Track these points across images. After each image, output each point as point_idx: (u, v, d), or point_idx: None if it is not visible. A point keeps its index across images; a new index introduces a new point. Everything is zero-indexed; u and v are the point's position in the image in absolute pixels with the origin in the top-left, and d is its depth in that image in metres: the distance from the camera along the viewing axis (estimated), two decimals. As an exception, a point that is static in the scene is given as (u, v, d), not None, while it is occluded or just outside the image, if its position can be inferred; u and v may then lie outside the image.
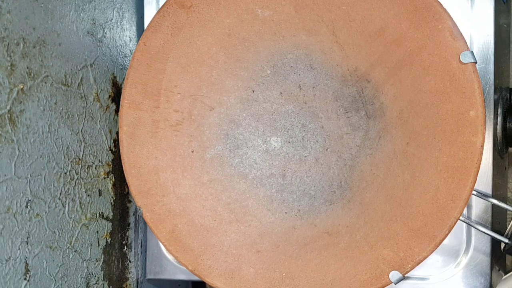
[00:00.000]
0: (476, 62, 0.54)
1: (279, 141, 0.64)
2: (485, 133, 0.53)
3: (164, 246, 0.61)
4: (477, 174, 0.54)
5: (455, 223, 0.54)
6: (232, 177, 0.64)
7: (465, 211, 0.64)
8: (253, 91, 0.64)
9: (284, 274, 0.59)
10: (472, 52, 0.54)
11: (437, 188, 0.55)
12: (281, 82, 0.64)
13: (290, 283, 0.59)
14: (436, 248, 0.55)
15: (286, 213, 0.63)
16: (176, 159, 0.63)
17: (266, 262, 0.60)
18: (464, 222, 0.61)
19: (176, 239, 0.61)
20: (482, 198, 0.60)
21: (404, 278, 0.55)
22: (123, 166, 0.61)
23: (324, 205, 0.62)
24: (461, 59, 0.54)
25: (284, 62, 0.63)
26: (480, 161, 0.54)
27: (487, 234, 0.59)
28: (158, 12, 0.61)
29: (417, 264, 0.55)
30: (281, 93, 0.64)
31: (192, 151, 0.64)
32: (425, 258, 0.55)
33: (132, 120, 0.62)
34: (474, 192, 0.59)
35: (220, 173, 0.64)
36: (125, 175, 0.62)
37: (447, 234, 0.54)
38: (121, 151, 0.61)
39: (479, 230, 0.60)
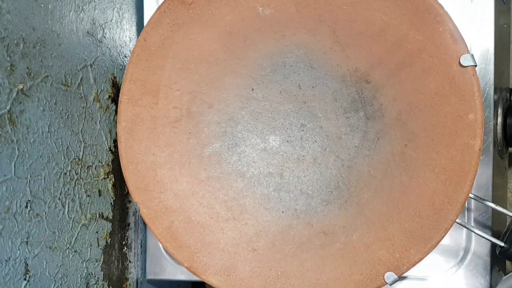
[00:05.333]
0: (476, 66, 0.54)
1: (278, 140, 0.64)
2: (483, 137, 0.54)
3: (160, 242, 0.62)
4: (475, 177, 0.54)
5: (451, 225, 0.54)
6: (229, 175, 0.64)
7: (465, 213, 0.64)
8: (253, 89, 0.64)
9: (279, 273, 0.60)
10: (472, 55, 0.54)
11: (434, 190, 0.56)
12: (281, 81, 0.64)
13: (286, 282, 0.59)
14: (432, 250, 0.55)
15: (283, 212, 0.63)
16: (174, 155, 0.63)
17: (262, 261, 0.61)
18: (460, 225, 0.61)
19: (172, 236, 0.61)
20: (479, 201, 0.60)
21: (399, 279, 0.56)
22: (121, 162, 0.62)
23: (321, 205, 0.63)
24: (461, 62, 0.54)
25: (284, 61, 0.63)
26: (478, 164, 0.54)
27: (483, 237, 0.60)
28: (158, 8, 0.61)
29: (413, 266, 0.55)
30: (280, 92, 0.64)
31: (190, 148, 0.64)
32: (420, 260, 0.55)
33: (131, 116, 0.62)
34: (471, 195, 0.60)
35: (217, 170, 0.64)
36: (123, 171, 0.62)
37: (443, 237, 0.55)
38: (119, 146, 0.61)
39: (475, 233, 0.60)
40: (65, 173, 0.56)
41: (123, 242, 0.69)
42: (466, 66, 0.54)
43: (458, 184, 0.54)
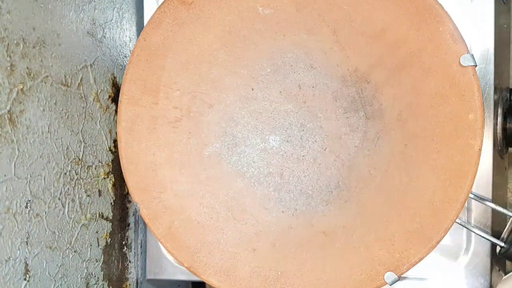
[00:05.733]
0: (476, 66, 0.54)
1: (278, 140, 0.64)
2: (483, 137, 0.54)
3: (161, 242, 0.62)
4: (475, 177, 0.54)
5: (451, 225, 0.54)
6: (229, 175, 0.64)
7: (464, 213, 0.64)
8: (253, 89, 0.64)
9: (279, 273, 0.60)
10: (472, 55, 0.54)
11: (434, 190, 0.56)
12: (281, 81, 0.64)
13: (286, 282, 0.59)
14: (432, 250, 0.55)
15: (283, 212, 0.63)
16: (174, 155, 0.63)
17: (262, 261, 0.61)
18: (460, 224, 0.61)
19: (172, 236, 0.61)
20: (480, 202, 0.60)
21: (399, 279, 0.56)
22: (121, 162, 0.62)
23: (321, 205, 0.63)
24: (461, 62, 0.54)
25: (284, 61, 0.63)
26: (478, 164, 0.54)
27: (483, 237, 0.60)
28: (158, 8, 0.61)
29: (413, 266, 0.55)
30: (280, 92, 0.64)
31: (190, 148, 0.64)
32: (420, 259, 0.55)
33: (131, 116, 0.62)
34: (471, 195, 0.60)
35: (217, 170, 0.64)
36: (123, 171, 0.62)
37: (443, 236, 0.55)
38: (118, 146, 0.61)
39: (475, 233, 0.60)
40: (65, 173, 0.56)
41: (123, 242, 0.69)
42: (466, 66, 0.54)
43: (458, 184, 0.54)
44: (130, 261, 0.71)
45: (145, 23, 0.71)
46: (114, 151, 0.66)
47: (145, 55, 0.62)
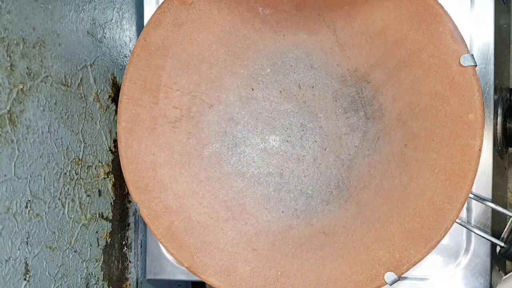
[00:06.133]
0: (476, 66, 0.54)
1: (278, 140, 0.64)
2: (483, 137, 0.54)
3: (161, 242, 0.62)
4: (475, 177, 0.54)
5: (451, 225, 0.54)
6: (229, 175, 0.64)
7: (464, 213, 0.64)
8: (253, 89, 0.64)
9: (279, 273, 0.60)
10: (472, 55, 0.54)
11: (434, 190, 0.56)
12: (281, 81, 0.64)
13: (286, 282, 0.59)
14: (431, 250, 0.55)
15: (283, 212, 0.63)
16: (174, 155, 0.63)
17: (262, 261, 0.61)
18: (460, 225, 0.61)
19: (172, 236, 0.61)
20: (479, 202, 0.60)
21: (399, 279, 0.56)
22: (121, 162, 0.62)
23: (321, 205, 0.63)
24: (461, 62, 0.54)
25: (284, 61, 0.63)
26: (478, 164, 0.54)
27: (483, 237, 0.60)
28: (159, 8, 0.61)
29: (413, 266, 0.55)
30: (280, 92, 0.64)
31: (190, 148, 0.64)
32: (420, 260, 0.55)
33: (131, 116, 0.62)
34: (471, 195, 0.60)
35: (217, 170, 0.64)
36: (123, 171, 0.62)
37: (443, 236, 0.55)
38: (119, 146, 0.61)
39: (475, 233, 0.60)
40: (65, 173, 0.56)
41: (123, 242, 0.69)
42: (466, 66, 0.54)
43: (458, 184, 0.54)
44: (130, 261, 0.71)
45: (145, 23, 0.70)
46: (114, 151, 0.66)
47: (145, 55, 0.62)
